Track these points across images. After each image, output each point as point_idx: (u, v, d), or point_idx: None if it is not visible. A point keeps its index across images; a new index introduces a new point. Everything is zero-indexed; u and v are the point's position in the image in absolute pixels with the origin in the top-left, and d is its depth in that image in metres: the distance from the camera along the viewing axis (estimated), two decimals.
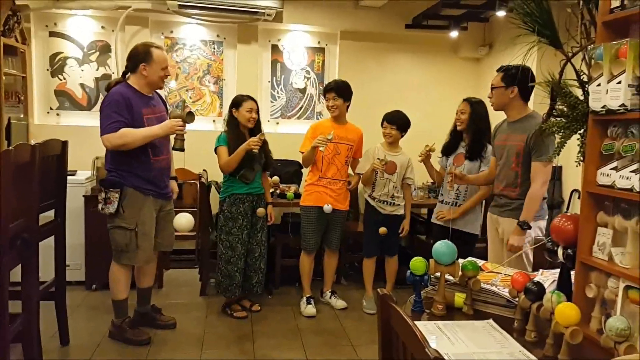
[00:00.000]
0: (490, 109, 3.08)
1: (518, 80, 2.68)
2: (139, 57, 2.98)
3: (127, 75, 3.05)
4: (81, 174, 4.10)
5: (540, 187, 2.68)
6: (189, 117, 2.97)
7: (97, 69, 4.83)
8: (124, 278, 3.10)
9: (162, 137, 3.00)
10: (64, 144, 2.93)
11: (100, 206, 2.97)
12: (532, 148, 2.67)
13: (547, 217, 2.84)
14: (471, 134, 3.40)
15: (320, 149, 3.51)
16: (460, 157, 3.47)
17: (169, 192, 3.25)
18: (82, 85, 4.83)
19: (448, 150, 3.54)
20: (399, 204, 3.78)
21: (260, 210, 3.58)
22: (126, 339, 3.09)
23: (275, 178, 4.33)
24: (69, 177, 3.09)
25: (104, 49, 4.82)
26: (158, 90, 3.20)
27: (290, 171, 4.71)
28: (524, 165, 2.73)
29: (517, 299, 1.56)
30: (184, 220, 3.49)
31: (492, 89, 2.83)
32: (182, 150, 3.00)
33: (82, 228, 3.93)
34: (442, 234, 3.42)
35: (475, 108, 3.38)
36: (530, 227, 2.67)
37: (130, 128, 2.86)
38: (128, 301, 3.19)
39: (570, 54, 1.68)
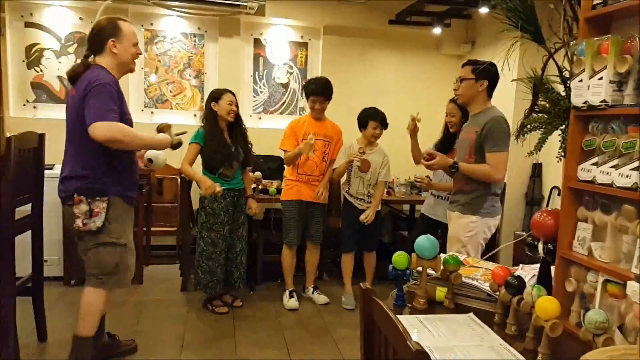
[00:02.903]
0: None
1: (489, 75, 2.69)
2: (105, 32, 2.45)
3: (89, 59, 2.50)
4: (59, 168, 4.00)
5: (492, 170, 2.63)
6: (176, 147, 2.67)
7: (75, 61, 4.73)
8: (101, 308, 2.56)
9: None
10: (41, 136, 2.87)
11: (80, 221, 2.39)
12: (485, 140, 2.65)
13: (499, 216, 2.82)
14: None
15: (310, 155, 3.53)
16: (454, 154, 3.48)
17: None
18: (59, 77, 4.73)
19: (444, 148, 3.47)
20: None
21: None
22: None
23: (258, 174, 4.30)
24: (46, 171, 3.04)
25: (83, 41, 4.71)
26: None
27: (273, 167, 4.68)
28: (477, 156, 2.70)
29: (497, 293, 1.57)
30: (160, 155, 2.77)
31: (460, 80, 2.78)
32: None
33: (60, 223, 3.86)
34: (427, 225, 3.48)
35: (464, 109, 3.41)
36: (457, 170, 2.69)
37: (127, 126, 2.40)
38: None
39: (552, 50, 1.69)
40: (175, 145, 2.63)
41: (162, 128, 2.65)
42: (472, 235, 2.71)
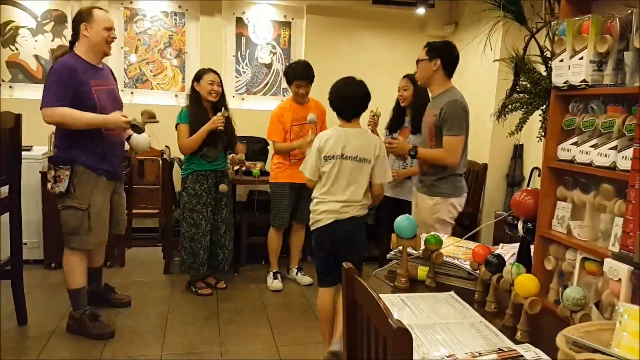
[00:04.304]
0: None
1: (441, 53, 2.72)
2: (80, 17, 2.78)
3: (75, 45, 2.84)
4: (37, 149, 3.95)
5: (445, 154, 2.69)
6: (134, 128, 2.82)
7: (52, 40, 4.61)
8: (78, 265, 2.88)
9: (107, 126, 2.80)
10: (18, 117, 2.81)
11: (50, 185, 2.78)
12: (443, 123, 2.68)
13: (464, 194, 2.87)
14: (415, 108, 3.45)
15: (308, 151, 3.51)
16: (406, 131, 3.58)
17: (120, 171, 3.06)
18: (36, 56, 4.61)
19: (394, 126, 3.59)
20: None
21: (223, 187, 3.53)
22: (88, 332, 2.87)
23: (241, 155, 4.27)
24: (24, 153, 2.98)
25: (60, 19, 4.60)
26: (109, 65, 3.07)
27: (256, 148, 4.64)
28: (437, 140, 2.75)
29: (478, 272, 1.60)
30: (141, 140, 2.98)
31: (417, 63, 2.83)
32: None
33: (40, 205, 3.80)
34: (388, 204, 3.55)
35: (417, 84, 3.43)
36: (414, 156, 2.82)
37: (72, 109, 2.66)
38: (85, 289, 2.98)
39: (534, 30, 1.69)
40: (137, 129, 2.83)
41: (142, 113, 2.86)
42: (437, 216, 2.78)
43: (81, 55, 2.80)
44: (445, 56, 2.73)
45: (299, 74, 3.60)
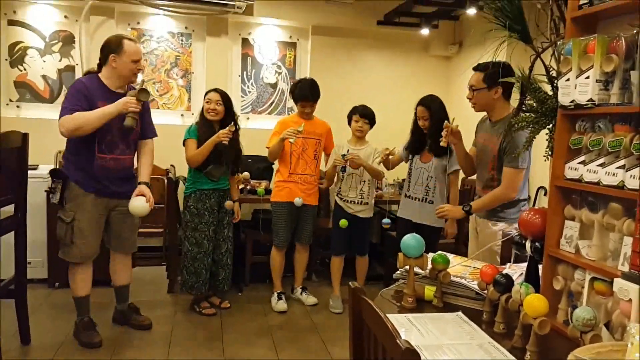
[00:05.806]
0: (457, 103, 3.04)
1: (500, 79, 2.50)
2: (109, 47, 2.90)
3: (101, 68, 2.96)
4: (43, 168, 3.96)
5: (505, 190, 2.58)
6: (142, 94, 2.82)
7: (59, 60, 4.68)
8: (78, 274, 3.01)
9: (116, 115, 2.80)
10: (25, 136, 2.83)
11: (50, 194, 3.04)
12: (505, 152, 2.57)
13: None
14: (433, 133, 3.23)
15: (290, 140, 3.46)
16: (428, 155, 3.45)
17: (121, 190, 3.01)
18: (44, 76, 4.67)
19: (416, 149, 3.47)
20: (367, 203, 3.71)
21: (229, 203, 3.54)
22: (79, 339, 3.01)
23: (246, 174, 4.27)
24: (30, 172, 2.99)
25: (68, 40, 4.68)
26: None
27: (261, 167, 4.66)
28: (499, 168, 2.64)
29: (486, 292, 1.58)
30: (138, 204, 2.97)
31: (472, 90, 2.65)
32: (132, 128, 2.85)
33: (45, 224, 3.80)
34: (407, 227, 3.43)
35: (433, 108, 3.33)
36: (470, 212, 2.71)
37: (83, 112, 2.77)
38: (89, 299, 3.08)
39: (540, 50, 1.70)
40: (140, 95, 2.81)
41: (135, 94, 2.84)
42: (505, 242, 2.66)
43: (103, 79, 2.93)
44: (505, 82, 2.46)
45: (304, 95, 3.63)
